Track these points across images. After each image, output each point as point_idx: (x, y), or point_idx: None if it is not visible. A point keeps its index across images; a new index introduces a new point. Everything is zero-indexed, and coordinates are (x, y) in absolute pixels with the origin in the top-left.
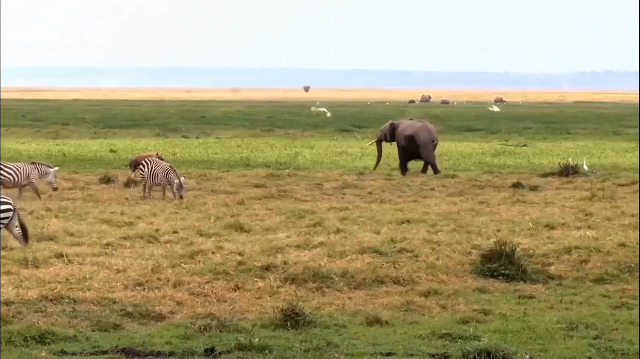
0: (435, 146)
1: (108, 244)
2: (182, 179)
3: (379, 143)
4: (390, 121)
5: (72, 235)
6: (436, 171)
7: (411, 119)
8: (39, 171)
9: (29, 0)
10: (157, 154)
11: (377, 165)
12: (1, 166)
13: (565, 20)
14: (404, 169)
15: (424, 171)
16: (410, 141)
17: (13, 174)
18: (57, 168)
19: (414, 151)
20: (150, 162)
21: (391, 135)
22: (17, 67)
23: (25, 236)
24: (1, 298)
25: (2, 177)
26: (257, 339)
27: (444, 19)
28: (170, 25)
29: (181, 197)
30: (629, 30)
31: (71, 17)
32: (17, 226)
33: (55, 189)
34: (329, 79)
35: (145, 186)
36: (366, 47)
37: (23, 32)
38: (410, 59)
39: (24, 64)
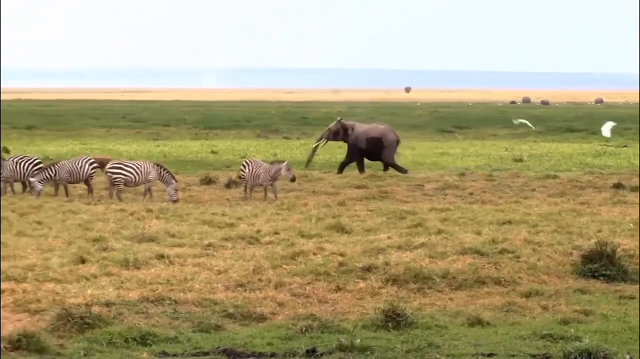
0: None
1: (209, 245)
2: (286, 162)
3: (317, 147)
4: (340, 121)
5: (173, 236)
6: (402, 170)
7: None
8: (160, 174)
9: (131, 3)
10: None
11: (309, 162)
12: (122, 165)
13: None
14: (361, 169)
15: (386, 170)
16: (375, 142)
17: (134, 172)
18: (176, 183)
19: (376, 151)
20: (251, 163)
21: (344, 135)
22: (118, 68)
23: None
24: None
25: (123, 176)
26: (358, 340)
27: (544, 20)
28: (271, 26)
29: (292, 180)
30: None
31: (174, 19)
32: None
33: (175, 201)
34: (429, 80)
35: (246, 187)
36: (467, 48)
37: (123, 33)
38: (511, 60)
39: (125, 65)
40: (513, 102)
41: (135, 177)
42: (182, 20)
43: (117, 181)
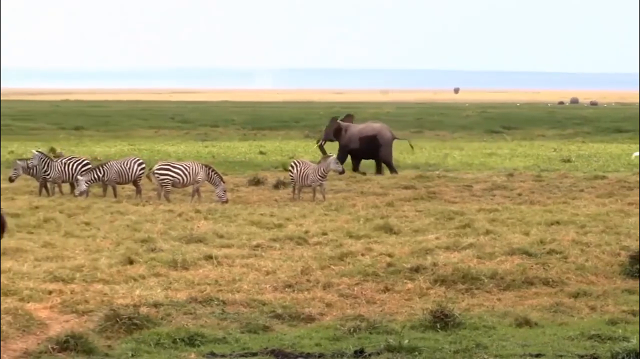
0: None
1: (257, 246)
2: (333, 156)
3: (322, 146)
4: (336, 121)
5: (221, 237)
6: (392, 170)
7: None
8: (208, 175)
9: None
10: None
11: None
12: (170, 166)
13: None
14: (356, 169)
15: (378, 171)
16: (370, 141)
17: (182, 174)
18: (225, 184)
19: (370, 150)
20: (299, 164)
21: (337, 135)
22: (169, 69)
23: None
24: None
25: (171, 177)
26: (406, 341)
27: (592, 20)
28: (320, 27)
29: (341, 172)
30: None
31: (231, 20)
32: None
33: (225, 202)
34: (478, 80)
35: (294, 187)
36: (516, 49)
37: (177, 34)
38: (559, 60)
39: (176, 66)
40: (561, 103)
41: (183, 178)
42: (237, 21)
43: (165, 182)
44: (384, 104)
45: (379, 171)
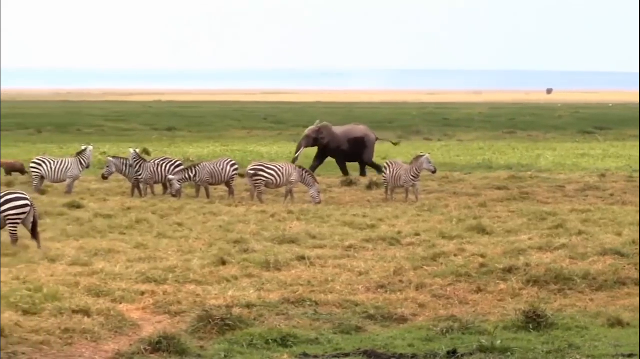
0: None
1: (350, 247)
2: (426, 155)
3: (297, 158)
4: (317, 127)
5: (313, 237)
6: (378, 168)
7: (323, 122)
8: (302, 176)
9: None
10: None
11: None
12: (263, 167)
13: None
14: (345, 171)
15: (363, 173)
16: (358, 142)
17: (275, 174)
18: (318, 185)
19: (356, 152)
20: (392, 164)
21: (319, 139)
22: (263, 70)
23: (33, 234)
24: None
25: (264, 177)
26: (498, 341)
27: None
28: (417, 28)
29: (434, 172)
30: None
31: (325, 21)
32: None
33: (318, 203)
34: (570, 81)
35: (387, 188)
36: (608, 49)
37: (270, 35)
38: None
39: (269, 67)
40: None
41: (276, 179)
42: (330, 23)
43: (258, 183)
44: (476, 104)
45: (363, 172)
